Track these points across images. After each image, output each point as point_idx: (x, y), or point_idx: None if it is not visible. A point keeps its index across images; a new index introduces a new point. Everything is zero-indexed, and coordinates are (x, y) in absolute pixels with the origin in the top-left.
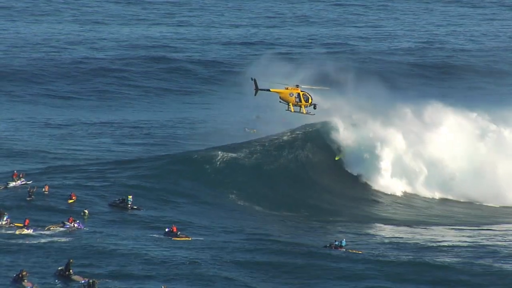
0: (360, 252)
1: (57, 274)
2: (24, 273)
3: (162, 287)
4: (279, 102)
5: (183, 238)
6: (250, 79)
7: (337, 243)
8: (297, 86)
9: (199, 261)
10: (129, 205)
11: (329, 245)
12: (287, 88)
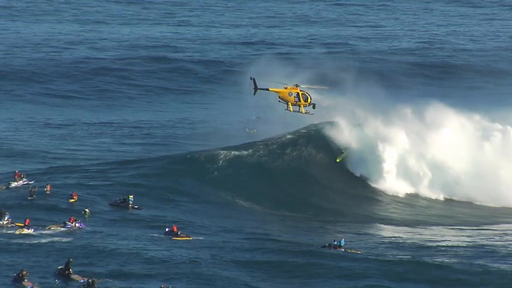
0: (359, 252)
1: (57, 273)
2: (25, 273)
3: (162, 287)
4: (278, 102)
5: (184, 238)
6: (249, 79)
7: (336, 243)
8: (296, 86)
9: (199, 261)
10: (130, 205)
11: (328, 245)
12: (286, 88)
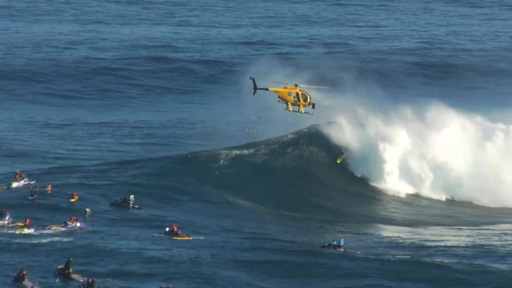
0: (359, 252)
1: (57, 273)
2: (25, 272)
3: (161, 287)
4: (278, 102)
5: (184, 237)
6: (249, 78)
7: (336, 243)
8: (296, 85)
9: (200, 260)
10: (131, 205)
11: (328, 245)
12: (286, 87)
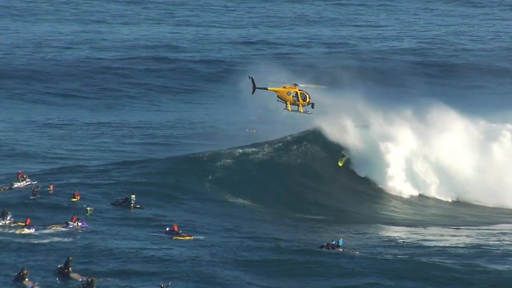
0: (357, 252)
1: (57, 272)
2: (25, 272)
3: (161, 286)
4: (277, 101)
5: (184, 237)
6: (248, 78)
7: (334, 243)
8: (295, 85)
9: (200, 260)
10: (132, 204)
11: (326, 245)
12: (285, 87)
